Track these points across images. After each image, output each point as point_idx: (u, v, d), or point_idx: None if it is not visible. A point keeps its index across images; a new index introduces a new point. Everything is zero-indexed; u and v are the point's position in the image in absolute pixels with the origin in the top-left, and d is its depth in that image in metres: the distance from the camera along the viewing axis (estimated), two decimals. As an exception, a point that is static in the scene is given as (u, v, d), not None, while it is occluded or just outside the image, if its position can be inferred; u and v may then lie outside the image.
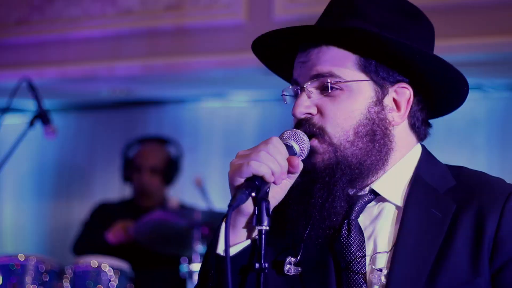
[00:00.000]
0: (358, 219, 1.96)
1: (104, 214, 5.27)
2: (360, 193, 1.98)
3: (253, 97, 6.23)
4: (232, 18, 5.21)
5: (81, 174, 6.75)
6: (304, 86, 1.96)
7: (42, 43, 5.73)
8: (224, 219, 1.81)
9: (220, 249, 1.82)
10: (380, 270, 1.89)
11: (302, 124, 1.95)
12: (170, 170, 5.34)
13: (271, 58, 2.14)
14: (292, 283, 1.92)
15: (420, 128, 2.02)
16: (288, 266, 1.91)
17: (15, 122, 6.43)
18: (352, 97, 1.94)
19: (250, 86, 5.98)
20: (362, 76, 1.95)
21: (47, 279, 4.26)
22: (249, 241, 1.85)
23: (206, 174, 6.27)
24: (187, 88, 6.17)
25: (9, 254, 4.52)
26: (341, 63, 1.94)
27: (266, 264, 1.77)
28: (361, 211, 1.97)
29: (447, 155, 5.56)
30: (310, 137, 1.94)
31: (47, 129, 4.35)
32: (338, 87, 1.94)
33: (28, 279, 4.20)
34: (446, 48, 4.38)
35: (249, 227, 1.84)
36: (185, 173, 6.18)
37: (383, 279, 1.89)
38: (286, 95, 2.05)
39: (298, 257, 1.92)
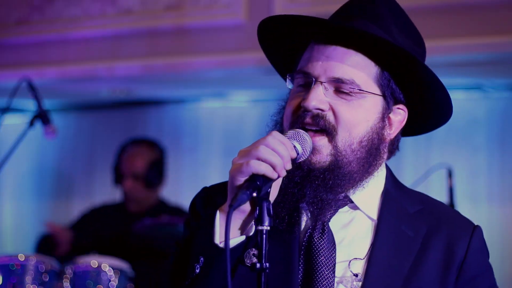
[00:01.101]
0: (329, 223, 1.98)
1: (93, 217, 5.28)
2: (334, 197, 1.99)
3: (253, 97, 6.23)
4: (232, 18, 5.21)
5: (81, 174, 6.75)
6: (323, 81, 1.95)
7: (42, 43, 5.73)
8: (219, 210, 1.83)
9: (217, 240, 1.82)
10: (356, 275, 1.93)
11: (314, 117, 1.94)
12: (152, 174, 5.26)
13: (274, 41, 2.12)
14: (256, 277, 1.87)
15: (395, 149, 2.07)
16: (253, 258, 1.88)
17: (15, 122, 6.44)
18: (365, 107, 1.96)
19: (250, 86, 5.98)
20: (377, 90, 1.98)
21: (47, 279, 4.26)
22: (243, 237, 1.84)
23: (206, 174, 6.27)
24: (187, 88, 6.17)
25: (9, 254, 4.52)
26: (363, 73, 1.96)
27: (267, 264, 1.77)
28: (333, 214, 1.99)
29: (447, 155, 5.58)
30: (321, 132, 1.93)
31: (47, 129, 4.35)
32: (355, 94, 1.95)
33: (28, 279, 4.20)
34: (446, 48, 4.38)
35: (245, 223, 1.84)
36: (185, 173, 6.19)
37: (355, 283, 1.92)
38: (290, 81, 2.03)
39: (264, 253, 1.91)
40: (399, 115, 2.02)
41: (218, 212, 1.85)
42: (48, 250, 4.95)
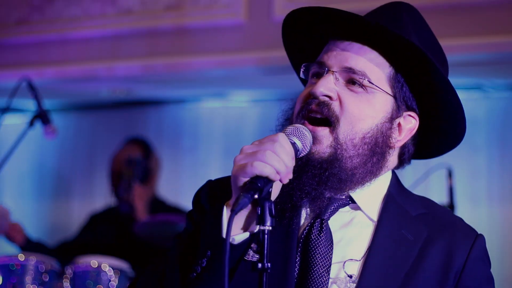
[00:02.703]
0: (329, 221, 1.97)
1: (93, 224, 5.27)
2: (335, 196, 1.99)
3: (253, 97, 6.23)
4: (232, 18, 5.21)
5: (81, 174, 6.75)
6: (334, 71, 1.95)
7: (42, 43, 5.73)
8: (226, 204, 1.83)
9: (224, 234, 1.79)
10: (351, 276, 1.91)
11: (320, 105, 1.94)
12: (136, 171, 5.22)
13: (297, 35, 2.12)
14: (255, 275, 1.86)
15: (405, 160, 2.07)
16: (252, 253, 1.90)
17: (15, 122, 6.44)
18: (373, 103, 1.95)
19: (250, 86, 5.98)
20: (389, 89, 1.97)
21: (47, 279, 4.26)
22: (247, 234, 1.84)
23: (206, 174, 6.27)
24: (187, 88, 6.17)
25: (9, 254, 4.52)
26: (375, 69, 1.96)
27: (269, 264, 1.76)
28: (333, 213, 1.98)
29: (447, 155, 5.58)
30: (323, 121, 1.93)
31: (47, 129, 4.35)
32: (365, 87, 1.94)
33: (28, 279, 4.20)
34: (446, 48, 4.38)
35: (250, 220, 1.84)
36: (185, 173, 6.19)
37: (349, 285, 1.90)
38: (304, 72, 2.03)
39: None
40: (410, 123, 2.01)
41: (225, 207, 1.84)
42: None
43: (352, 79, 1.95)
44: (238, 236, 1.82)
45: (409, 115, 2.01)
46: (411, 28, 2.00)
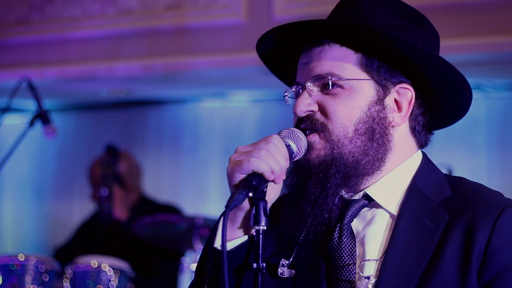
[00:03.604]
0: (352, 223, 1.95)
1: (86, 228, 5.29)
2: (354, 197, 1.97)
3: (253, 97, 6.23)
4: (232, 18, 5.21)
5: (81, 174, 6.75)
6: (306, 85, 1.96)
7: (42, 43, 5.73)
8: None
9: (217, 243, 1.83)
10: (368, 278, 1.88)
11: (304, 120, 1.94)
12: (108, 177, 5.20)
13: (274, 60, 2.14)
14: (285, 286, 1.91)
15: (420, 133, 2.01)
16: (282, 268, 1.91)
17: (15, 122, 6.44)
18: (352, 95, 1.93)
19: (250, 86, 5.98)
20: (364, 75, 1.95)
21: (47, 279, 4.26)
22: (246, 237, 1.85)
23: (206, 174, 6.27)
24: (187, 88, 6.17)
25: (9, 254, 4.51)
26: (342, 63, 1.94)
27: (264, 264, 1.77)
28: (354, 215, 1.96)
29: (447, 155, 5.58)
30: (311, 131, 1.93)
31: (47, 129, 4.35)
32: (339, 85, 1.93)
33: (28, 279, 4.20)
34: (446, 48, 4.37)
35: (248, 222, 1.85)
36: (185, 173, 6.19)
37: (370, 287, 1.88)
38: (288, 97, 2.04)
39: (291, 259, 1.92)
40: (405, 95, 1.97)
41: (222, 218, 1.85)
42: None
43: (324, 84, 1.95)
44: (235, 240, 1.84)
45: (402, 88, 1.97)
46: (374, 7, 1.97)
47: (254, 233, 1.81)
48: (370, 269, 1.90)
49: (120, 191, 5.17)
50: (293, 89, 2.01)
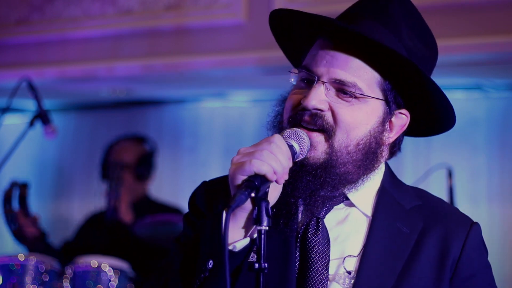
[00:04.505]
0: (324, 219, 1.98)
1: (90, 225, 5.29)
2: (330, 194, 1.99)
3: (253, 97, 6.23)
4: (232, 18, 5.20)
5: (81, 174, 6.75)
6: (325, 81, 1.95)
7: (42, 43, 5.73)
8: (226, 210, 1.81)
9: (222, 242, 1.80)
10: (350, 272, 1.93)
11: (313, 116, 1.94)
12: (142, 166, 5.31)
13: (284, 34, 2.12)
14: (255, 277, 1.88)
15: (396, 151, 2.08)
16: (252, 254, 1.89)
17: (15, 122, 6.44)
18: (365, 111, 1.96)
19: (250, 86, 5.98)
20: (379, 94, 1.98)
21: (47, 279, 4.26)
22: (248, 239, 1.85)
23: (206, 174, 6.27)
24: (187, 88, 6.16)
25: (9, 254, 4.51)
26: (365, 76, 1.95)
27: (266, 264, 1.77)
28: (328, 211, 2.00)
29: (447, 155, 5.57)
30: (319, 131, 1.94)
31: (47, 129, 4.35)
32: (356, 98, 1.95)
33: (28, 279, 4.20)
34: (446, 48, 4.38)
35: (250, 222, 1.85)
36: (185, 173, 6.18)
37: (347, 281, 1.91)
38: (295, 78, 2.03)
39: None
40: (401, 120, 2.03)
41: (224, 212, 1.83)
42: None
43: (343, 90, 1.95)
44: (239, 242, 1.84)
45: (400, 113, 2.02)
46: (402, 21, 1.98)
47: (256, 235, 1.81)
48: (350, 264, 1.94)
49: (128, 191, 5.20)
50: (305, 73, 2.00)
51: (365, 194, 2.02)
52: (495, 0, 4.57)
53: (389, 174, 2.08)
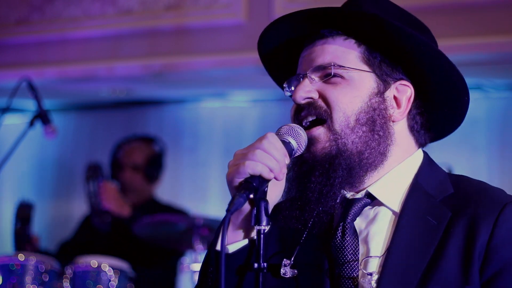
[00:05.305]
0: (355, 222, 1.96)
1: (87, 224, 5.30)
2: (357, 197, 1.97)
3: (253, 97, 6.23)
4: (232, 18, 5.21)
5: (81, 174, 6.74)
6: (306, 73, 1.97)
7: (42, 43, 5.73)
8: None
9: (220, 246, 1.82)
10: (371, 274, 1.89)
11: (305, 108, 1.95)
12: (152, 167, 5.33)
13: (274, 60, 2.14)
14: (287, 285, 1.91)
15: (419, 131, 2.02)
16: (284, 268, 1.89)
17: (15, 122, 6.44)
18: (353, 85, 1.95)
19: (250, 86, 5.98)
20: (365, 68, 1.96)
21: (47, 279, 4.26)
22: (247, 241, 1.85)
23: (206, 174, 6.27)
24: (187, 88, 6.17)
25: (9, 254, 4.51)
26: (344, 55, 1.96)
27: (265, 264, 1.77)
28: (357, 214, 1.97)
29: (447, 155, 5.58)
30: (316, 122, 1.94)
31: (47, 129, 4.35)
32: (340, 75, 1.95)
33: (28, 279, 4.20)
34: (446, 48, 4.37)
35: (249, 224, 1.85)
36: (185, 173, 6.18)
37: (373, 283, 1.88)
38: (287, 89, 2.04)
39: (293, 259, 1.91)
40: (405, 92, 1.98)
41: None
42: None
43: (325, 74, 1.96)
44: (236, 244, 1.84)
45: (401, 84, 1.99)
46: (382, 10, 1.99)
47: (255, 236, 1.81)
48: (373, 265, 1.91)
49: (136, 192, 5.24)
50: (293, 79, 2.02)
51: (393, 190, 1.97)
52: (495, 0, 4.57)
53: (427, 164, 2.01)
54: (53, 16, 5.68)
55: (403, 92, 1.98)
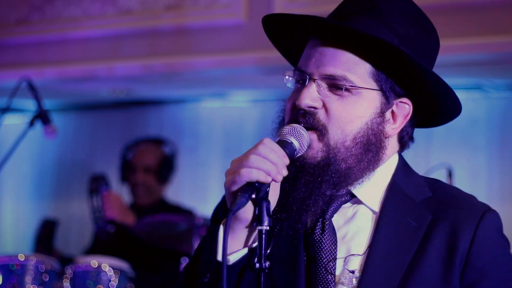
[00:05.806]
0: (333, 219, 1.96)
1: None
2: (336, 193, 1.97)
3: (253, 97, 6.23)
4: (232, 18, 5.20)
5: (81, 174, 6.75)
6: (316, 79, 1.94)
7: (42, 43, 5.73)
8: (222, 223, 1.81)
9: (220, 256, 1.79)
10: (353, 272, 1.90)
11: (304, 115, 1.93)
12: (164, 168, 5.36)
13: (279, 35, 2.12)
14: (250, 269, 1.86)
15: (407, 142, 2.04)
16: (256, 259, 1.85)
17: (15, 122, 6.44)
18: (359, 103, 1.93)
19: (250, 86, 5.98)
20: (373, 85, 1.95)
21: (47, 279, 4.26)
22: (246, 250, 1.84)
23: (206, 174, 6.27)
24: (187, 88, 6.17)
25: (9, 254, 4.52)
26: (356, 68, 1.93)
27: (267, 264, 1.76)
28: (336, 211, 1.97)
29: (447, 155, 5.57)
30: (312, 129, 1.92)
31: (47, 129, 4.35)
32: (349, 90, 1.93)
33: (28, 279, 4.20)
34: (446, 48, 4.37)
35: (247, 233, 1.84)
36: (185, 173, 6.18)
37: (354, 281, 1.89)
38: (290, 78, 2.03)
39: (268, 251, 1.86)
40: (403, 109, 1.98)
41: (221, 226, 1.82)
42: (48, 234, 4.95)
43: (334, 85, 1.93)
44: (237, 253, 1.82)
45: (401, 102, 1.98)
46: (393, 11, 1.97)
47: (257, 238, 1.80)
48: (355, 263, 1.91)
49: (148, 194, 5.26)
50: (297, 74, 2.00)
51: (373, 189, 1.98)
52: (495, 0, 4.57)
53: (402, 167, 2.03)
54: (53, 16, 5.68)
55: (401, 109, 1.99)
